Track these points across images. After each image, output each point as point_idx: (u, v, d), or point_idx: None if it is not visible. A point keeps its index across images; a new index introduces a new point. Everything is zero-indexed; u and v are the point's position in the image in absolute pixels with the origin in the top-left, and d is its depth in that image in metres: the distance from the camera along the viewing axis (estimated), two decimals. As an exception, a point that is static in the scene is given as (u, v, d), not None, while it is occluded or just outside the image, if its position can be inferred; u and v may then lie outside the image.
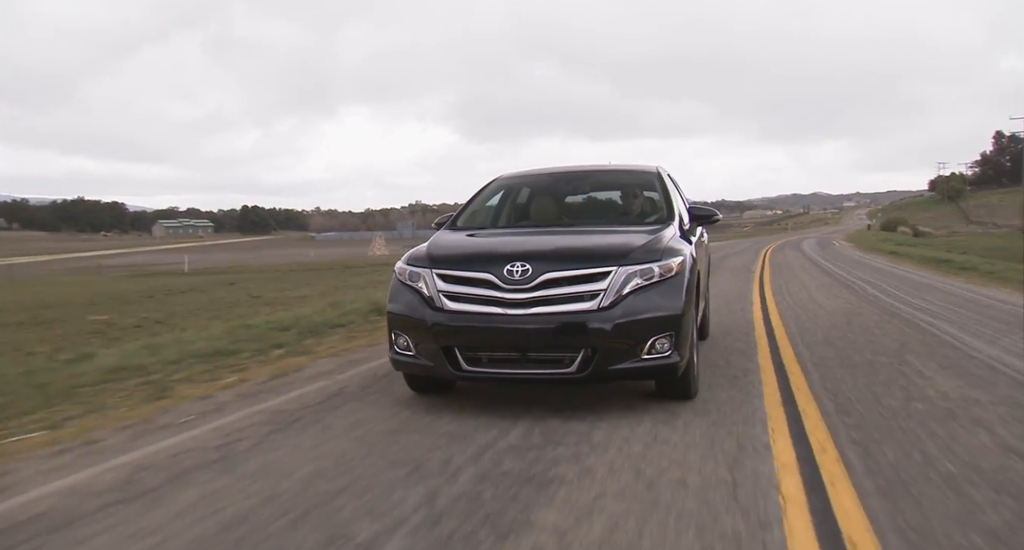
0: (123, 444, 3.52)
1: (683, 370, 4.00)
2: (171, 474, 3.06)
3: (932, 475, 2.87)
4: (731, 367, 5.15)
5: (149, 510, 2.66)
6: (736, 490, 2.73)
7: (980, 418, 3.71)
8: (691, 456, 3.14)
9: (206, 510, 2.65)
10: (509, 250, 4.11)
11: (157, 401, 4.38)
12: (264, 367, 5.42)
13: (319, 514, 2.59)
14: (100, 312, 14.58)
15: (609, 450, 3.25)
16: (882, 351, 5.71)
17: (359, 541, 2.35)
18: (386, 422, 3.84)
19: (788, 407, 4.01)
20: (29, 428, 3.81)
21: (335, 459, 3.22)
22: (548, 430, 3.60)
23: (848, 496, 2.66)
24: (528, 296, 3.82)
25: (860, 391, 4.36)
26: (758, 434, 3.46)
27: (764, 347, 6.03)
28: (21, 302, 18.87)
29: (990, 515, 2.48)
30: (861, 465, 3.00)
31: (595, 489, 2.77)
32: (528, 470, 3.01)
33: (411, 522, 2.50)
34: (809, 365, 5.18)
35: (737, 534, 2.35)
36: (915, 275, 15.35)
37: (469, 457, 3.21)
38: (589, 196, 5.82)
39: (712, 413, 3.88)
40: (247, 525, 2.50)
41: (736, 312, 8.56)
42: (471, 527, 2.44)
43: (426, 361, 4.03)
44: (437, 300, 4.00)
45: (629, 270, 3.87)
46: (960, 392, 4.28)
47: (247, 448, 3.40)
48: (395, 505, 2.65)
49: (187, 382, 4.89)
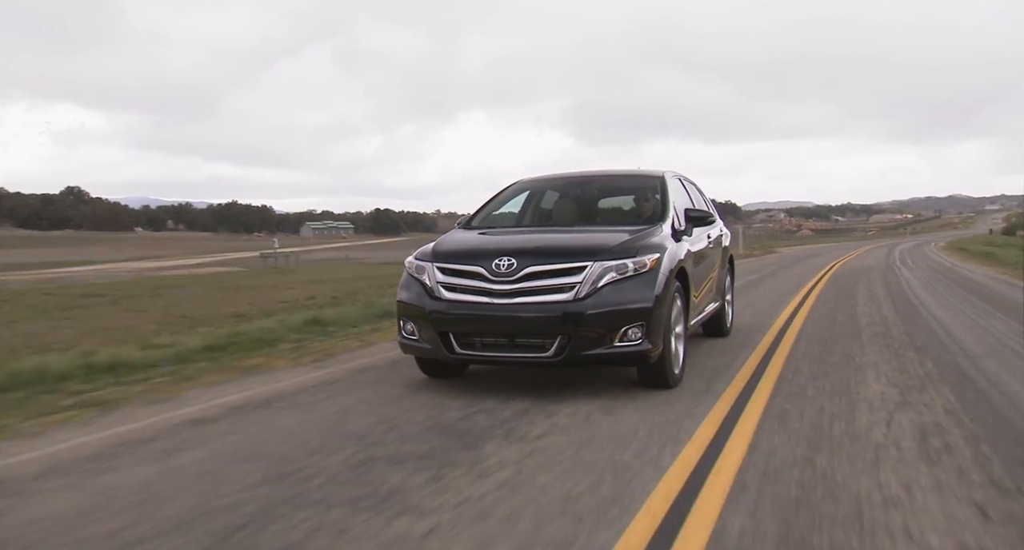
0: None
1: (657, 358, 4.33)
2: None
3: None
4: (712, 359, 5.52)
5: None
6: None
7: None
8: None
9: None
10: (499, 246, 4.52)
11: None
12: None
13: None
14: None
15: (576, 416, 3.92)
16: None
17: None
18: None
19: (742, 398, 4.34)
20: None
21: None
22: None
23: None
24: (512, 287, 4.24)
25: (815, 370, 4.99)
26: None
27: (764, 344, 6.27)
28: (358, 275, 22.33)
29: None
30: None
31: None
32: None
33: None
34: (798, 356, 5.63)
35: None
36: (966, 272, 17.47)
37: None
38: (597, 198, 6.13)
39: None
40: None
41: (765, 311, 8.79)
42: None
43: (426, 344, 4.51)
44: (436, 290, 4.45)
45: (604, 265, 4.24)
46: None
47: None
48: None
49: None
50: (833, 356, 5.75)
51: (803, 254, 31.52)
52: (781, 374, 5.05)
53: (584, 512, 2.67)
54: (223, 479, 3.12)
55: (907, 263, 21.79)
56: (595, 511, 2.68)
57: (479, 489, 2.92)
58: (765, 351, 6.01)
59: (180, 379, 5.25)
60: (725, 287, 6.86)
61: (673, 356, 4.56)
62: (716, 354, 5.91)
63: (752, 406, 4.17)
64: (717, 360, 5.64)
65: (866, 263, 22.05)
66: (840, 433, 3.65)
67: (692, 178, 6.73)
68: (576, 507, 2.71)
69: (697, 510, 2.68)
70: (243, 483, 3.05)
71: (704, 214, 5.60)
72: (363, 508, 2.75)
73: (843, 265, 20.84)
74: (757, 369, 5.26)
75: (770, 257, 28.18)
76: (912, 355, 5.80)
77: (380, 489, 2.95)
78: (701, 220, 5.52)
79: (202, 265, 35.62)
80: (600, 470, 3.13)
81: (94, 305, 13.01)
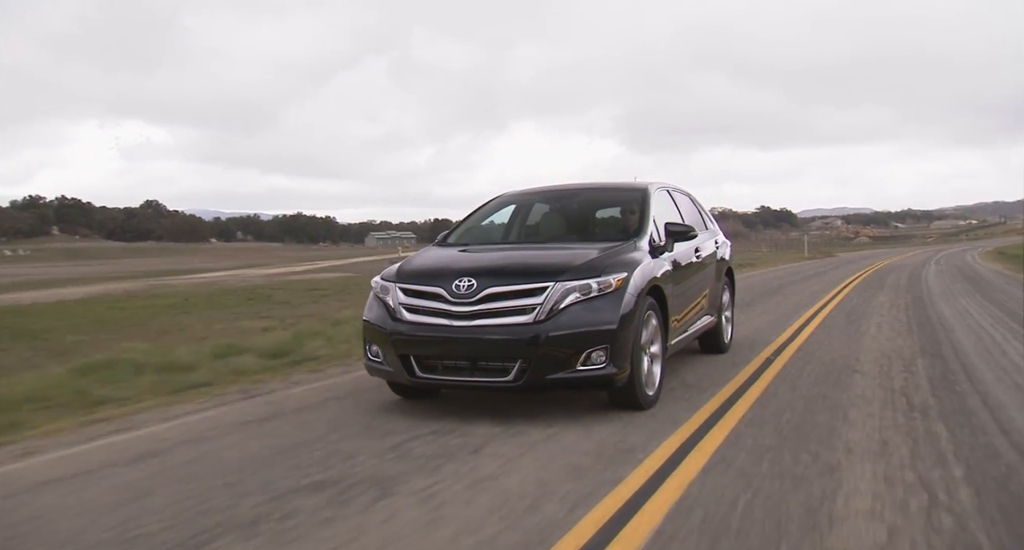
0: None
1: (624, 381, 4.17)
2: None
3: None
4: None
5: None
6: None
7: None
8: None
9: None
10: (460, 266, 4.42)
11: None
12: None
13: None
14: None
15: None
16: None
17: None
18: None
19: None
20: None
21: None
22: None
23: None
24: (472, 309, 4.13)
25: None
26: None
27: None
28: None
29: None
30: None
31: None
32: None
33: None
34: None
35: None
36: (980, 269, 21.31)
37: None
38: (579, 212, 5.90)
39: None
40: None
41: (836, 280, 16.16)
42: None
43: (388, 367, 4.42)
44: (398, 312, 4.36)
45: (567, 285, 4.12)
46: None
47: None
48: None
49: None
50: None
51: (857, 257, 39.91)
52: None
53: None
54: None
55: (940, 262, 26.78)
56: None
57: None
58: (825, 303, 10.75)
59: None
60: (723, 301, 6.65)
61: (646, 377, 4.45)
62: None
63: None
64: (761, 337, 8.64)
65: (910, 262, 28.19)
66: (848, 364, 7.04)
67: (687, 188, 6.71)
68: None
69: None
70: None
71: (685, 229, 5.35)
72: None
73: (889, 262, 27.95)
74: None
75: (830, 260, 34.74)
76: (901, 293, 10.42)
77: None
78: (682, 235, 5.31)
79: (319, 270, 39.40)
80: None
81: (321, 298, 15.53)
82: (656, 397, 4.59)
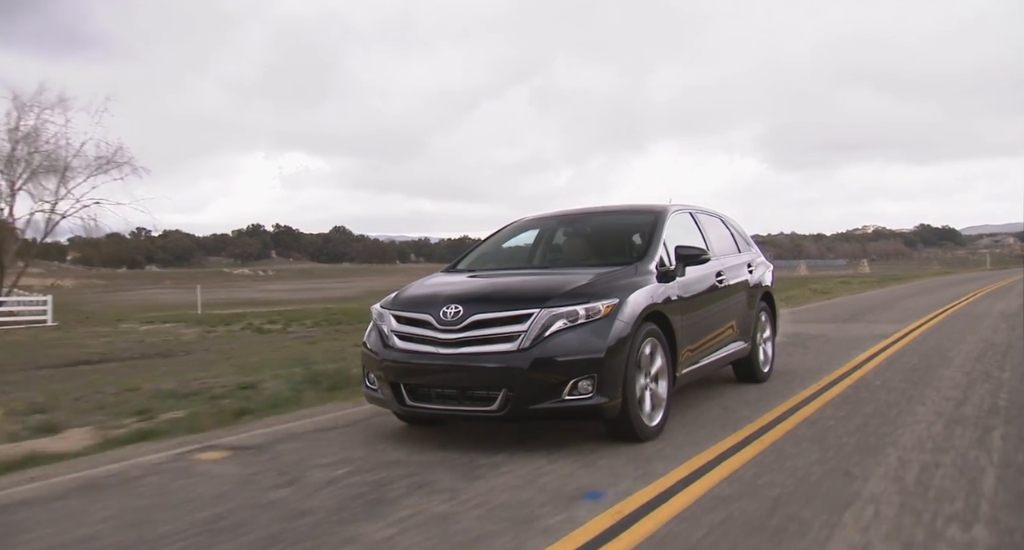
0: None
1: (615, 412, 4.02)
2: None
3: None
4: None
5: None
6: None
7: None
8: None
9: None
10: (450, 292, 4.36)
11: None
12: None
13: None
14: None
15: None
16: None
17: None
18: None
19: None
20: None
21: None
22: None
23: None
24: (457, 336, 4.08)
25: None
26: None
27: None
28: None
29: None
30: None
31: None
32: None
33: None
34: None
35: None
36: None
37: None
38: (591, 236, 5.73)
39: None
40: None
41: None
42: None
43: (382, 395, 4.40)
44: (390, 339, 4.35)
45: (553, 312, 4.01)
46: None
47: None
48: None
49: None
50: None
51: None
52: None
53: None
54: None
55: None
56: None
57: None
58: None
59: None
60: (758, 327, 6.28)
61: (642, 408, 4.24)
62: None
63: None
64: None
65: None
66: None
67: (721, 211, 6.49)
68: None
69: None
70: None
71: (696, 252, 5.05)
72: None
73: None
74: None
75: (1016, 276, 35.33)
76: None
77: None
78: (693, 258, 5.02)
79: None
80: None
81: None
82: (659, 429, 4.40)
